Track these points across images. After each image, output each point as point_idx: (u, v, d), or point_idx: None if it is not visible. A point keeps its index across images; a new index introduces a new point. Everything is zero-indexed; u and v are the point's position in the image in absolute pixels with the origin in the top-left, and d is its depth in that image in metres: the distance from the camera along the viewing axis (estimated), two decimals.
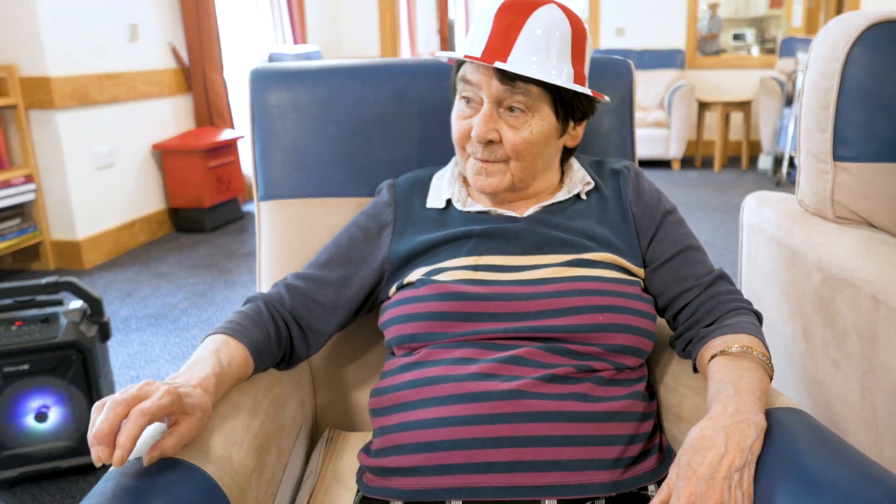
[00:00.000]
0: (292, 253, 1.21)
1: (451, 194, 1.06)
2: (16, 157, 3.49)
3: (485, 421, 0.85)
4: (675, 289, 1.00)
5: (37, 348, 1.74)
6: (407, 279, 0.99)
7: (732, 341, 0.89)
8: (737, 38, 8.65)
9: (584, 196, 1.05)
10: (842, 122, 1.28)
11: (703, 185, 5.37)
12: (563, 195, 1.04)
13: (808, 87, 1.34)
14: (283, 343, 0.99)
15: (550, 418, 0.85)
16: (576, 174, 1.07)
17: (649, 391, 0.98)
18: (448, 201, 1.06)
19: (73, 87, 3.51)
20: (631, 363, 0.94)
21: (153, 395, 0.72)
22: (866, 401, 1.13)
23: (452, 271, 0.96)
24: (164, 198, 4.29)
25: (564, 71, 0.95)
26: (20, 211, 3.50)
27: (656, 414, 0.99)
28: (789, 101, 5.47)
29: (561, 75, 0.95)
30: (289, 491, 0.99)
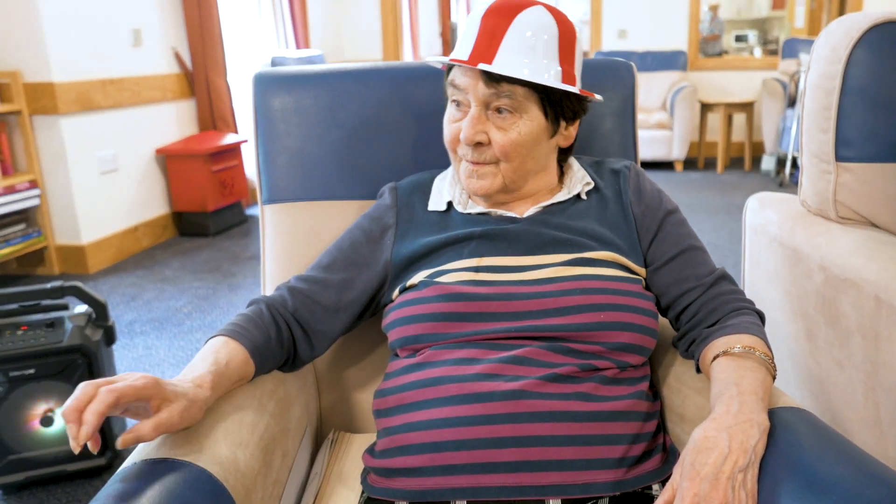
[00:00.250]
0: (296, 256, 1.22)
1: (452, 197, 1.07)
2: (20, 162, 3.50)
3: (488, 421, 0.85)
4: (677, 289, 1.01)
5: (42, 352, 1.75)
6: (410, 282, 1.00)
7: (735, 342, 0.90)
8: (739, 39, 8.65)
9: (584, 196, 1.06)
10: (844, 123, 1.28)
11: (705, 186, 5.37)
12: (562, 195, 1.05)
13: (810, 88, 1.34)
14: (285, 344, 1.00)
15: (554, 418, 0.85)
16: (575, 174, 1.08)
17: (652, 391, 0.98)
18: (449, 204, 1.07)
19: (76, 92, 3.52)
20: (634, 361, 0.94)
21: (127, 379, 0.74)
22: (870, 400, 1.13)
23: (454, 273, 0.96)
24: (168, 202, 4.30)
25: (552, 70, 0.95)
26: (25, 216, 3.51)
27: (660, 414, 0.99)
28: (792, 102, 5.46)
29: (548, 75, 0.95)
30: (294, 492, 0.99)
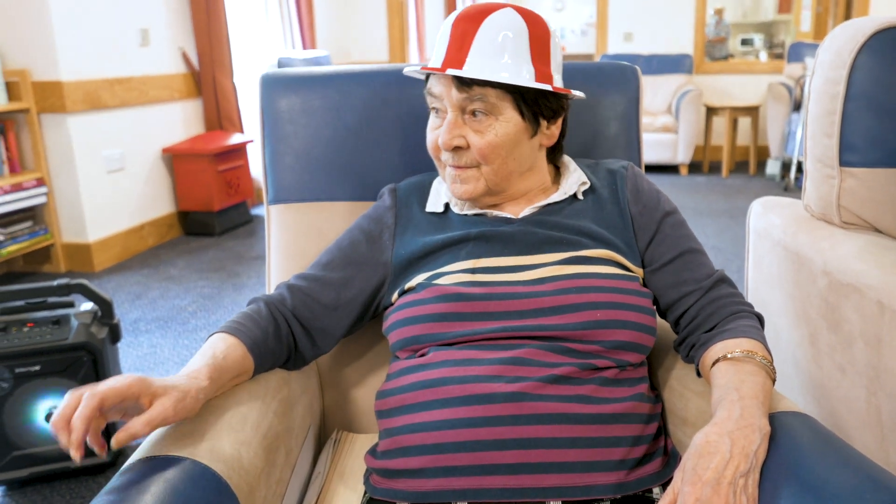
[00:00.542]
0: (301, 256, 1.22)
1: (450, 198, 1.07)
2: (28, 160, 3.52)
3: (489, 423, 0.85)
4: (676, 292, 1.01)
5: (48, 349, 1.76)
6: (408, 284, 1.01)
7: (734, 346, 0.90)
8: (745, 43, 8.64)
9: (580, 196, 1.06)
10: (848, 128, 1.28)
11: (710, 190, 5.36)
12: (558, 195, 1.05)
13: (815, 93, 1.34)
14: (284, 341, 1.01)
15: (554, 420, 0.85)
16: (571, 175, 1.08)
17: (654, 393, 0.98)
18: (446, 205, 1.08)
19: (84, 91, 3.54)
20: (633, 360, 0.94)
21: (110, 381, 0.75)
22: (872, 405, 1.13)
23: (452, 275, 0.97)
24: (174, 201, 4.32)
25: (523, 71, 0.96)
26: (32, 214, 3.53)
27: (661, 417, 1.00)
28: (797, 107, 5.46)
29: (519, 76, 0.95)
30: (297, 491, 1.00)
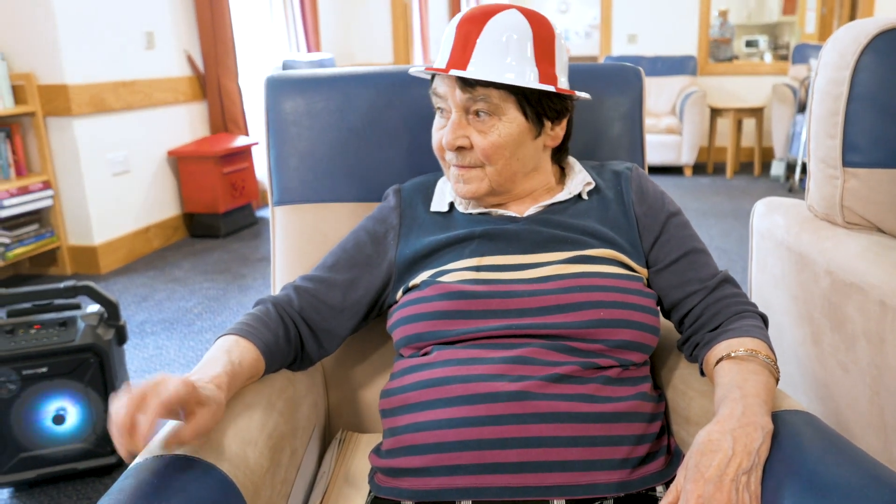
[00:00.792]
0: (306, 257, 1.23)
1: (454, 197, 1.08)
2: (34, 163, 3.54)
3: (493, 422, 0.86)
4: (680, 292, 1.01)
5: (55, 351, 1.77)
6: (413, 282, 1.01)
7: (737, 345, 0.90)
8: (749, 44, 8.63)
9: (585, 196, 1.07)
10: (851, 129, 1.28)
11: (715, 191, 5.36)
12: (563, 195, 1.06)
13: (818, 94, 1.34)
14: (292, 343, 1.01)
15: (558, 419, 0.86)
16: (577, 175, 1.09)
17: (657, 393, 0.99)
18: (451, 204, 1.08)
19: (90, 94, 3.56)
20: (636, 359, 0.94)
21: (169, 385, 0.75)
22: (875, 404, 1.13)
23: (456, 272, 0.97)
24: (179, 203, 4.33)
25: (527, 72, 0.96)
26: (38, 217, 3.55)
27: (664, 416, 1.00)
28: (802, 108, 5.45)
29: (522, 76, 0.96)
30: (302, 491, 1.01)
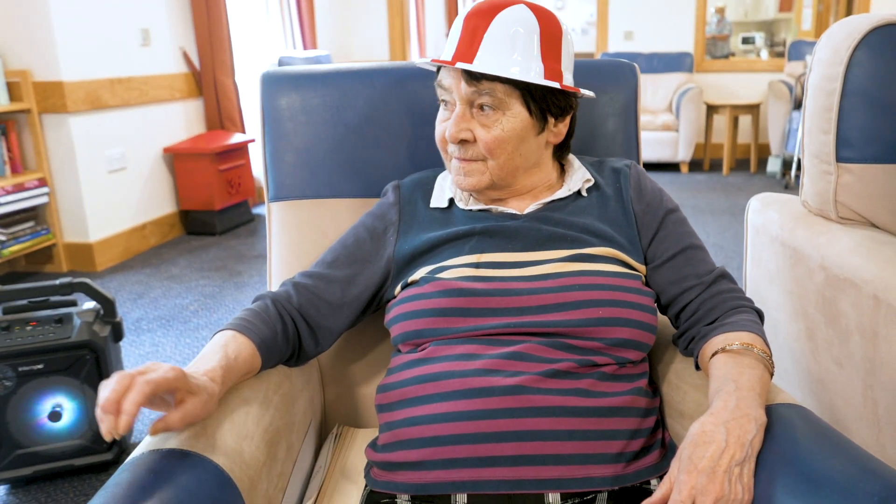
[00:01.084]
0: (302, 252, 1.23)
1: (454, 193, 1.08)
2: (30, 160, 3.53)
3: (488, 416, 0.86)
4: (677, 287, 1.02)
5: (51, 348, 1.77)
6: (411, 278, 1.02)
7: (733, 339, 0.91)
8: (746, 41, 8.64)
9: (584, 193, 1.07)
10: (844, 124, 1.29)
11: (711, 188, 5.37)
12: (563, 192, 1.06)
13: (812, 90, 1.35)
14: (290, 339, 1.02)
15: (553, 413, 0.86)
16: (576, 172, 1.09)
17: (652, 388, 0.99)
18: (451, 200, 1.09)
19: (85, 91, 3.55)
20: (633, 357, 0.95)
21: (158, 370, 0.75)
22: (868, 398, 1.14)
23: (455, 269, 0.98)
24: (175, 201, 4.33)
25: (533, 67, 0.96)
26: (34, 214, 3.54)
27: (659, 410, 1.00)
28: (798, 105, 5.46)
29: (529, 72, 0.96)
30: (298, 485, 1.01)
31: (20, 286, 1.82)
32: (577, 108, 1.06)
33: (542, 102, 0.99)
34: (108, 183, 3.76)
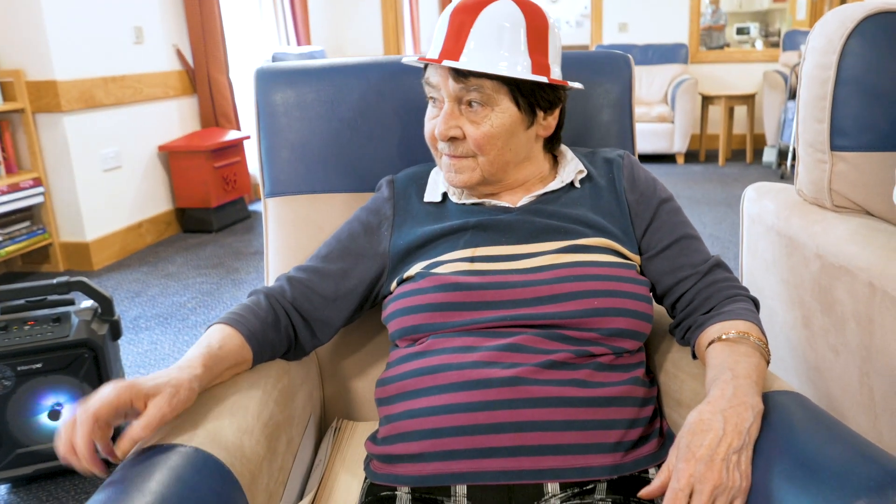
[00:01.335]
0: (298, 248, 1.24)
1: (447, 188, 1.08)
2: (24, 160, 3.52)
3: (486, 407, 0.87)
4: (673, 277, 1.02)
5: (49, 347, 1.77)
6: (407, 273, 1.02)
7: (730, 327, 0.91)
8: (740, 31, 8.64)
9: (577, 184, 1.07)
10: (839, 113, 1.29)
11: (707, 178, 5.38)
12: (555, 184, 1.06)
13: (806, 79, 1.35)
14: (283, 332, 1.02)
15: (550, 404, 0.87)
16: (569, 164, 1.09)
17: (649, 377, 1.00)
18: (444, 195, 1.09)
19: (79, 90, 3.54)
20: (629, 347, 0.95)
21: (96, 396, 0.75)
22: (864, 385, 1.15)
23: (450, 264, 0.98)
24: (171, 199, 4.32)
25: (520, 62, 0.96)
26: (29, 214, 3.54)
27: (657, 399, 1.01)
28: (793, 95, 5.46)
29: (515, 67, 0.96)
30: (299, 479, 1.01)
31: (17, 286, 1.82)
32: (565, 100, 1.06)
33: (531, 97, 0.99)
34: (104, 182, 3.76)
